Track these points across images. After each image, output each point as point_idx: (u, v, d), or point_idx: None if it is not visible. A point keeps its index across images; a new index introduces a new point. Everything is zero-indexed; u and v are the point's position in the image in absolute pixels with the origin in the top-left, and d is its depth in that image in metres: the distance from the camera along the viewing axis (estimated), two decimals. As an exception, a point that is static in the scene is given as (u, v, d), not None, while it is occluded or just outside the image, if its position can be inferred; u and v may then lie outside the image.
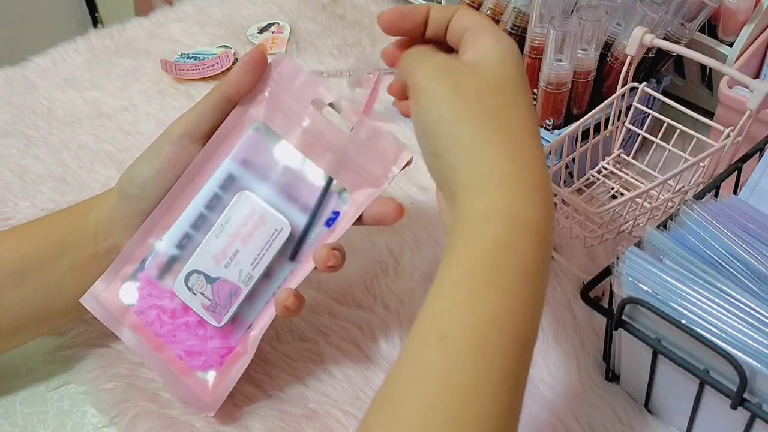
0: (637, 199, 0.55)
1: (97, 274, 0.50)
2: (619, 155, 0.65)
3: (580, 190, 0.64)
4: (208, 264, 0.49)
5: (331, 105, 0.50)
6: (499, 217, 0.38)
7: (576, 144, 0.62)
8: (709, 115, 0.63)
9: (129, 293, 0.50)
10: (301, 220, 0.49)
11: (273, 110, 0.50)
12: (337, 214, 0.49)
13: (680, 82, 0.75)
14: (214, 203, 0.50)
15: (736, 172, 0.57)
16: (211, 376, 0.50)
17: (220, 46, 0.87)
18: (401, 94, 0.47)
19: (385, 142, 0.49)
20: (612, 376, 0.53)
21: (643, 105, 0.63)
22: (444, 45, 0.47)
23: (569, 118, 0.65)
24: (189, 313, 0.50)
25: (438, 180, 0.43)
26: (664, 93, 0.66)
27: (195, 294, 0.49)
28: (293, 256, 0.50)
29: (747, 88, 0.56)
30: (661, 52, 0.65)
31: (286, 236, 0.49)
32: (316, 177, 0.50)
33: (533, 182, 0.39)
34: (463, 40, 0.44)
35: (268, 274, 0.49)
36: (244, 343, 0.50)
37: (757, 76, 0.68)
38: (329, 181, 0.49)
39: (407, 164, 0.49)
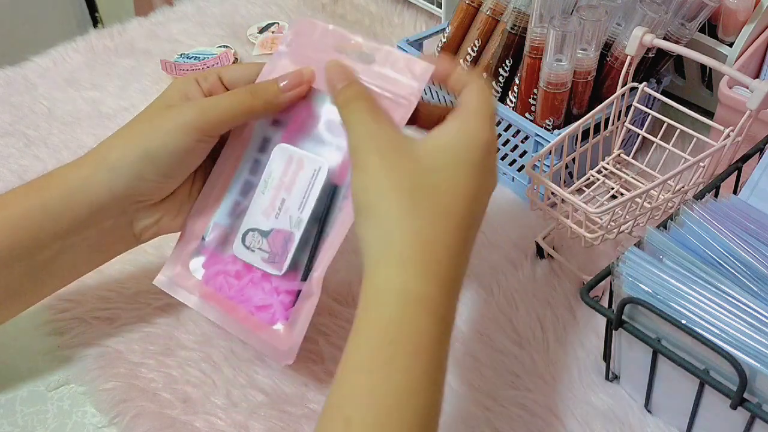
0: (637, 199, 0.55)
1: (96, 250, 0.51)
2: (619, 155, 0.65)
3: (580, 190, 0.64)
4: (260, 220, 0.51)
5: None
6: (396, 296, 0.40)
7: (576, 144, 0.62)
8: (709, 115, 0.63)
9: (197, 268, 0.53)
10: (338, 156, 0.50)
11: (296, 65, 0.51)
12: None
13: (680, 82, 0.75)
14: (256, 167, 0.52)
15: (736, 172, 0.57)
16: (282, 324, 0.50)
17: (220, 46, 0.87)
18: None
19: (404, 62, 0.49)
20: (612, 376, 0.53)
21: (643, 105, 0.63)
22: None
23: (569, 118, 0.65)
24: (252, 271, 0.51)
25: (360, 244, 0.44)
26: (664, 93, 0.66)
27: (253, 251, 0.51)
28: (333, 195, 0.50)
29: (747, 88, 0.56)
30: (661, 52, 0.65)
31: (326, 174, 0.49)
32: None
33: (437, 264, 0.41)
34: (456, 104, 0.46)
35: (316, 215, 0.50)
36: (308, 286, 0.50)
37: (757, 76, 0.68)
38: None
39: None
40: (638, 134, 0.64)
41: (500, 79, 0.68)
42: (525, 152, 0.66)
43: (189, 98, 0.50)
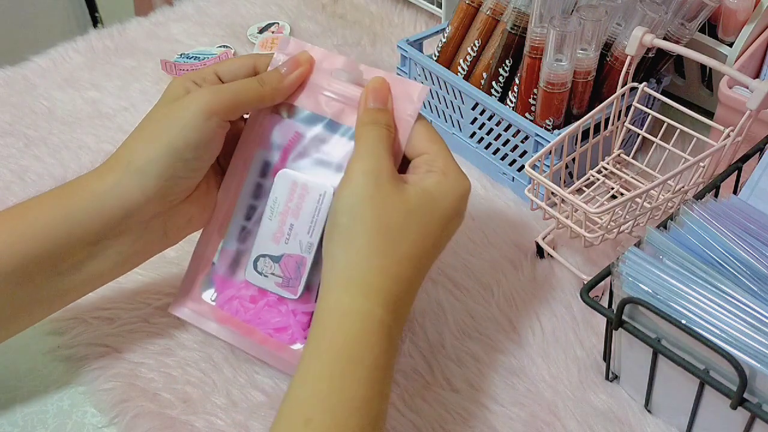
0: (637, 199, 0.55)
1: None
2: (619, 155, 0.65)
3: (580, 190, 0.64)
4: (270, 245, 0.52)
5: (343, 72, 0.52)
6: (361, 317, 0.44)
7: (576, 144, 0.62)
8: (709, 115, 0.63)
9: (209, 293, 0.54)
10: (337, 178, 0.51)
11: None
12: None
13: (680, 82, 0.75)
14: (259, 192, 0.53)
15: (736, 172, 0.57)
16: (301, 344, 0.51)
17: (220, 46, 0.87)
18: None
19: (402, 85, 0.51)
20: (612, 376, 0.53)
21: (643, 105, 0.63)
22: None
23: (569, 118, 0.65)
24: (267, 295, 0.52)
25: (324, 259, 0.47)
26: (664, 93, 0.66)
27: (266, 276, 0.52)
28: None
29: (747, 88, 0.56)
30: (661, 52, 0.65)
31: (332, 197, 0.50)
32: (347, 135, 0.51)
33: (396, 296, 0.45)
34: (417, 161, 0.49)
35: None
36: None
37: (757, 76, 0.68)
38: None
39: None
40: (638, 134, 0.64)
41: (500, 79, 0.68)
42: (525, 152, 0.66)
43: (195, 87, 0.51)
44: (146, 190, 0.48)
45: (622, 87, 0.61)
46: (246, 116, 0.54)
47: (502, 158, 0.68)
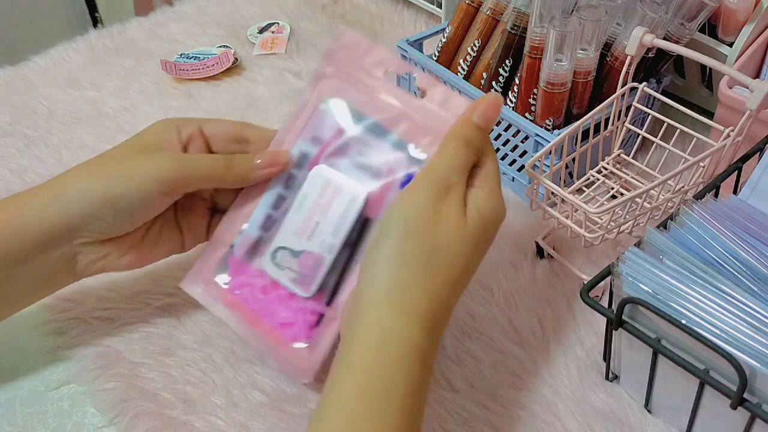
0: (637, 199, 0.55)
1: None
2: (619, 155, 0.65)
3: (580, 190, 0.64)
4: (292, 239, 0.51)
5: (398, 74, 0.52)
6: (401, 341, 0.42)
7: (576, 144, 0.62)
8: (709, 115, 0.63)
9: (222, 276, 0.53)
10: (374, 186, 0.50)
11: (342, 84, 0.52)
12: (410, 177, 0.50)
13: (680, 82, 0.75)
14: (291, 182, 0.52)
15: (736, 172, 0.57)
16: (305, 343, 0.50)
17: (220, 46, 0.87)
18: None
19: (457, 102, 0.49)
20: (612, 376, 0.53)
21: (643, 105, 0.63)
22: None
23: (569, 118, 0.65)
24: (279, 287, 0.51)
25: (361, 271, 0.45)
26: (664, 93, 0.66)
27: (283, 269, 0.51)
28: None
29: (747, 88, 0.56)
30: (661, 52, 0.65)
31: (362, 202, 0.50)
32: (390, 142, 0.50)
33: (435, 320, 0.44)
34: (474, 171, 0.47)
35: (349, 242, 0.50)
36: (333, 310, 0.50)
37: (757, 76, 0.68)
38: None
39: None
40: (638, 134, 0.64)
41: (500, 79, 0.68)
42: (525, 152, 0.66)
43: (164, 147, 0.51)
44: (69, 219, 0.48)
45: (622, 87, 0.61)
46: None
47: (502, 158, 0.68)
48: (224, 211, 0.54)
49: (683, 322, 0.43)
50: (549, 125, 0.64)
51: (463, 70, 0.71)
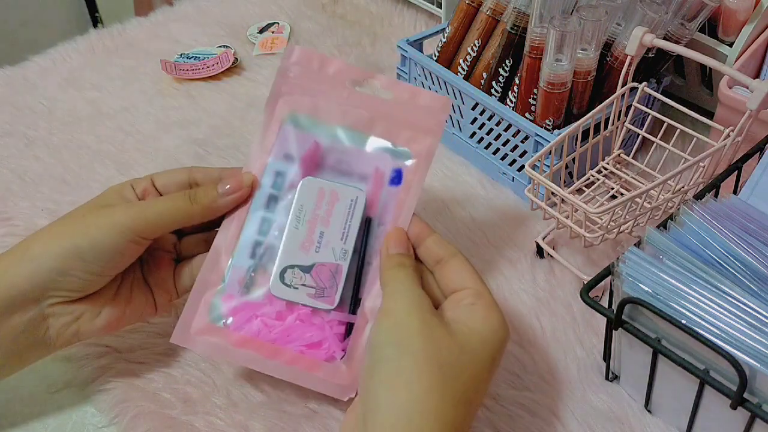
0: (637, 199, 0.55)
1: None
2: (619, 155, 0.65)
3: (580, 190, 0.64)
4: (298, 255, 0.49)
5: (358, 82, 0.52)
6: None
7: (576, 144, 0.62)
8: (709, 115, 0.63)
9: (219, 317, 0.49)
10: (365, 186, 0.50)
11: (303, 99, 0.52)
12: (398, 171, 0.51)
13: (680, 82, 0.75)
14: (273, 204, 0.51)
15: (736, 172, 0.57)
16: (340, 358, 0.49)
17: (220, 46, 0.87)
18: None
19: (426, 97, 0.51)
20: (612, 376, 0.53)
21: (643, 105, 0.63)
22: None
23: (569, 118, 0.65)
24: (297, 308, 0.49)
25: (361, 397, 0.43)
26: (664, 93, 0.66)
27: (296, 288, 0.49)
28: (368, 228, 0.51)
29: (747, 88, 0.56)
30: (661, 52, 0.65)
31: (364, 202, 0.49)
32: (370, 144, 0.51)
33: None
34: (458, 296, 0.46)
35: (356, 247, 0.49)
36: (361, 318, 0.49)
37: (757, 76, 0.68)
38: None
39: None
40: (638, 134, 0.64)
41: (500, 79, 0.68)
42: (525, 152, 0.66)
43: (125, 199, 0.50)
44: (34, 278, 0.46)
45: (622, 87, 0.61)
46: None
47: (502, 158, 0.68)
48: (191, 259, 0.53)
49: (683, 322, 0.43)
50: (549, 125, 0.64)
51: (463, 70, 0.71)
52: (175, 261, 0.53)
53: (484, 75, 0.69)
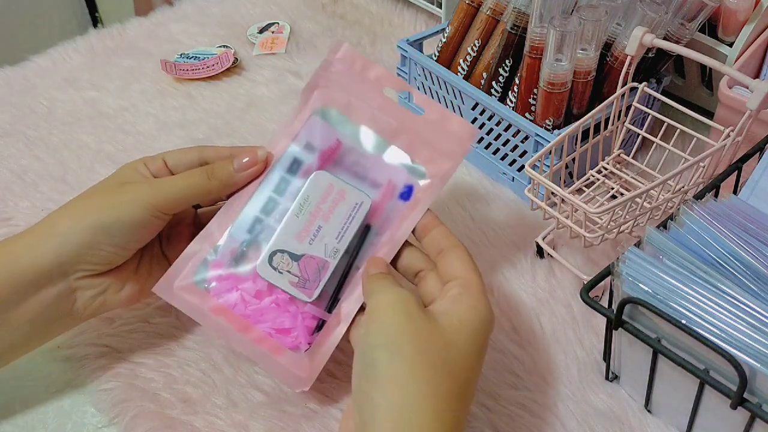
0: (637, 199, 0.55)
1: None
2: (619, 155, 0.65)
3: (580, 190, 0.64)
4: (291, 243, 0.50)
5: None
6: None
7: (576, 144, 0.62)
8: (709, 115, 0.63)
9: (205, 279, 0.51)
10: (372, 194, 0.51)
11: (339, 95, 0.53)
12: (410, 187, 0.51)
13: (680, 82, 0.75)
14: (283, 187, 0.52)
15: (736, 172, 0.57)
16: (304, 350, 0.49)
17: (220, 46, 0.87)
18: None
19: (455, 123, 0.52)
20: (612, 376, 0.53)
21: (643, 105, 0.63)
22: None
23: (569, 118, 0.65)
24: (276, 292, 0.50)
25: (356, 404, 0.43)
26: (664, 93, 0.66)
27: (281, 273, 0.50)
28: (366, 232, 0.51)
29: (747, 88, 0.56)
30: (661, 52, 0.65)
31: (367, 209, 0.50)
32: (389, 154, 0.52)
33: None
34: (448, 286, 0.46)
35: (349, 248, 0.50)
36: (336, 317, 0.50)
37: (757, 76, 0.68)
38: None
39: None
40: (638, 134, 0.64)
41: (500, 79, 0.68)
42: (525, 152, 0.66)
43: (142, 177, 0.51)
44: (61, 253, 0.48)
45: (622, 87, 0.61)
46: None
47: (502, 158, 0.68)
48: None
49: (683, 322, 0.43)
50: (549, 125, 0.64)
51: (463, 70, 0.71)
52: (192, 234, 0.54)
53: (484, 75, 0.69)
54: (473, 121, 0.69)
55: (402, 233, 0.50)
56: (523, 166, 0.66)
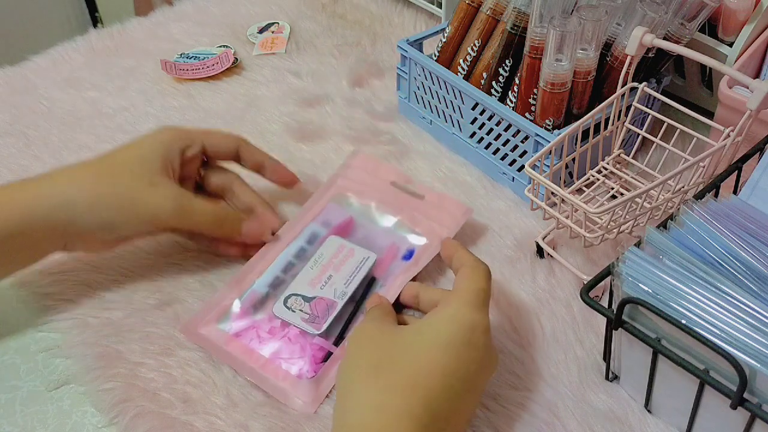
0: (637, 199, 0.55)
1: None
2: (619, 155, 0.65)
3: (580, 190, 0.64)
4: (305, 288, 0.57)
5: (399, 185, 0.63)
6: None
7: (576, 144, 0.62)
8: (709, 115, 0.63)
9: (226, 324, 0.56)
10: (381, 253, 0.60)
11: (353, 186, 0.64)
12: (412, 251, 0.60)
13: (680, 82, 0.75)
14: (301, 254, 0.60)
15: (736, 172, 0.57)
16: (311, 377, 0.52)
17: (220, 46, 0.87)
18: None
19: (452, 204, 0.62)
20: (612, 376, 0.53)
21: (643, 105, 0.63)
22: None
23: (569, 118, 0.65)
24: (288, 328, 0.55)
25: (335, 412, 0.47)
26: (664, 93, 0.66)
27: (294, 311, 0.55)
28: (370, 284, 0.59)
29: (747, 88, 0.56)
30: (661, 52, 0.65)
31: (373, 262, 0.58)
32: (394, 226, 0.62)
33: None
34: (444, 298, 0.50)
35: (354, 297, 0.56)
36: (342, 348, 0.54)
37: (757, 76, 0.68)
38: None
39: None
40: (638, 134, 0.64)
41: (500, 79, 0.68)
42: (525, 152, 0.66)
43: (167, 173, 0.56)
44: (56, 228, 0.53)
45: (622, 87, 0.61)
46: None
47: (502, 158, 0.68)
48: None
49: (683, 322, 0.43)
50: (549, 125, 0.64)
51: (463, 70, 0.71)
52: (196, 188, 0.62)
53: (484, 75, 0.69)
54: (473, 122, 0.69)
55: (400, 282, 0.57)
56: (523, 166, 0.66)
